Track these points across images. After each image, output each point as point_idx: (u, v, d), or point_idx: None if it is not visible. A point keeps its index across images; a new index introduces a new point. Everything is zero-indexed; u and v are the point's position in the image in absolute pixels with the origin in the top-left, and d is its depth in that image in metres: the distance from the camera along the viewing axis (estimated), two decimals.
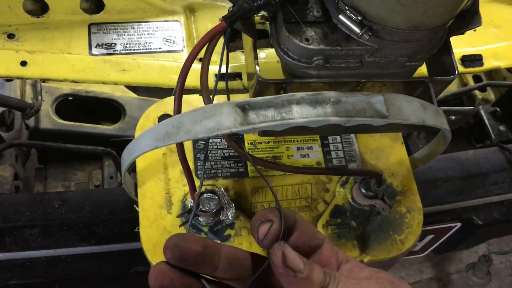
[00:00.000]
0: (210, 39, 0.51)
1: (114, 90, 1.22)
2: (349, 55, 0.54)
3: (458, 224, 0.97)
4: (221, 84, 0.72)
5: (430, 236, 1.01)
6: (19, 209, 0.82)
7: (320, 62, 0.53)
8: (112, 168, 1.15)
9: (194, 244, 0.42)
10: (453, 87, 1.24)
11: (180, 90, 0.51)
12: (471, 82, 1.25)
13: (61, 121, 1.13)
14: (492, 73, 1.27)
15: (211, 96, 0.52)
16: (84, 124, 1.14)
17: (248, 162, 0.65)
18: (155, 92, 1.29)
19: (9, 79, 1.08)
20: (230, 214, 0.61)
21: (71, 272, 0.81)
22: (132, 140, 0.53)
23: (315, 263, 0.42)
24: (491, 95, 1.28)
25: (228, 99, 0.54)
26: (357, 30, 0.49)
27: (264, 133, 0.58)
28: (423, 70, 0.63)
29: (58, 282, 0.82)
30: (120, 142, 1.13)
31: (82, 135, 1.13)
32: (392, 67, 0.56)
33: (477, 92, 1.27)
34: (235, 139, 0.54)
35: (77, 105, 1.18)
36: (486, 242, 1.85)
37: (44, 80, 1.13)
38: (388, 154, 0.69)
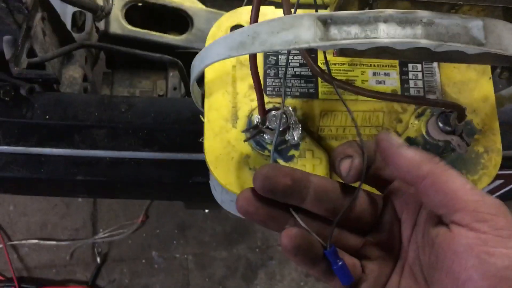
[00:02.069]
0: None
1: (183, 0, 1.19)
2: None
3: None
4: None
5: (499, 181, 0.96)
6: (88, 109, 0.84)
7: None
8: (176, 79, 1.15)
9: (283, 177, 0.42)
10: None
11: None
12: None
13: (130, 27, 1.12)
14: None
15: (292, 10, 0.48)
16: (152, 32, 1.12)
17: (320, 83, 0.62)
18: (223, 6, 1.25)
19: None
20: (296, 134, 0.59)
21: (133, 174, 0.84)
22: (201, 50, 0.51)
23: None
24: None
25: (316, 11, 0.50)
26: None
27: (342, 52, 0.54)
28: None
29: (120, 182, 0.86)
30: (186, 54, 1.12)
31: (149, 43, 1.12)
32: None
33: None
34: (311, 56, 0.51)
35: (145, 12, 1.17)
36: None
37: None
38: (472, 88, 0.63)
